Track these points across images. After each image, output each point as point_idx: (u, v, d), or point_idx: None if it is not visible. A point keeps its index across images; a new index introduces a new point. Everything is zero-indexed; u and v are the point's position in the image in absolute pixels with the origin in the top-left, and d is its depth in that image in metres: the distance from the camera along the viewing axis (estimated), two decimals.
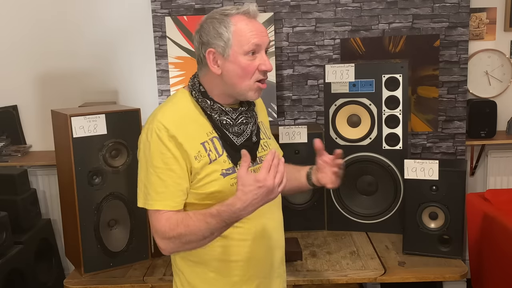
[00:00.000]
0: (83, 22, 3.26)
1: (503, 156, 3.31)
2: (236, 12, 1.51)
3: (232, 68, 1.51)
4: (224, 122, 1.56)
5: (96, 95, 3.31)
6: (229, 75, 1.52)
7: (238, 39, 1.49)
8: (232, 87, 1.54)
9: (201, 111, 1.57)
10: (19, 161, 3.19)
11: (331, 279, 2.14)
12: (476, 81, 3.23)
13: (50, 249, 3.21)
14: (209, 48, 1.51)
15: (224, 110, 1.56)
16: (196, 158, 1.50)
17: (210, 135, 1.55)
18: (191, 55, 3.13)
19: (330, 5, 3.05)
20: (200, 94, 1.57)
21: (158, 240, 1.51)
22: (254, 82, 1.53)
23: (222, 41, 1.50)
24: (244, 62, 1.50)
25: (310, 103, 3.15)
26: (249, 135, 1.60)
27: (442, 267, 2.20)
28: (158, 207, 1.50)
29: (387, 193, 2.56)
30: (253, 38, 1.50)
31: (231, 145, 1.55)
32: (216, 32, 1.50)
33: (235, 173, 1.53)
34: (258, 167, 1.59)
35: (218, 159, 1.53)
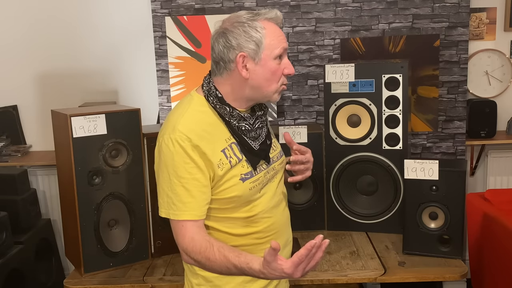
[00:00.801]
0: (83, 22, 3.26)
1: (503, 156, 3.31)
2: (262, 17, 1.54)
3: (261, 71, 1.53)
4: (243, 128, 1.57)
5: (96, 95, 3.31)
6: (257, 79, 1.54)
7: (270, 43, 1.52)
8: (257, 90, 1.56)
9: (218, 117, 1.57)
10: (19, 161, 3.19)
11: (331, 279, 2.14)
12: (476, 81, 3.23)
13: (50, 249, 3.21)
14: (240, 51, 1.51)
15: (243, 116, 1.57)
16: (219, 166, 1.52)
17: (228, 141, 1.56)
18: (191, 55, 3.13)
19: (330, 5, 3.05)
20: (218, 100, 1.56)
21: (181, 253, 1.54)
22: (280, 85, 1.57)
23: (255, 44, 1.51)
24: (273, 66, 1.54)
25: (310, 103, 3.15)
26: (264, 139, 1.62)
27: (442, 267, 2.20)
28: (185, 217, 1.50)
29: (387, 193, 2.56)
30: (282, 43, 1.54)
31: (249, 150, 1.57)
32: (248, 36, 1.51)
33: (254, 176, 1.56)
34: (271, 167, 1.63)
35: (237, 164, 1.55)
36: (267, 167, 1.62)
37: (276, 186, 1.68)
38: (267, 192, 1.63)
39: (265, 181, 1.62)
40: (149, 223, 2.36)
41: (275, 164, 1.67)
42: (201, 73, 3.14)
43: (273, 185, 1.66)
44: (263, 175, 1.61)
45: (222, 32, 1.54)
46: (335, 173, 2.59)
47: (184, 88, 3.16)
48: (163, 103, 3.17)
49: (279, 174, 1.70)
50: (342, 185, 2.60)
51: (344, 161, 2.57)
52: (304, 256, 1.32)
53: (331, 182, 2.60)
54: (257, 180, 1.58)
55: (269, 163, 1.63)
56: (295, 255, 1.32)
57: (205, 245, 1.48)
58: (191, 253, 1.50)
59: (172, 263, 2.33)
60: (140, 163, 2.30)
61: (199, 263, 1.50)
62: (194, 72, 3.14)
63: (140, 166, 2.31)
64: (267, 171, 1.62)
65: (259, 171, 1.59)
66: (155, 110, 3.22)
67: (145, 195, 2.33)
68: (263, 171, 1.61)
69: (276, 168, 1.68)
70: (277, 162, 1.68)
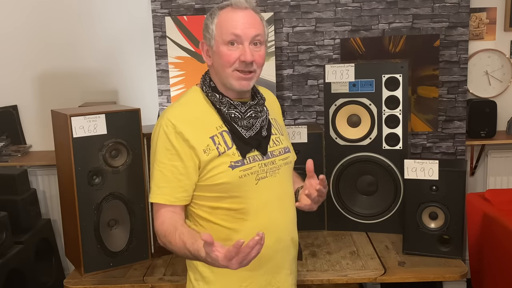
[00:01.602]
0: (83, 22, 3.26)
1: (503, 156, 3.31)
2: (227, 5, 1.59)
3: (216, 58, 1.60)
4: (233, 115, 1.60)
5: (96, 95, 3.31)
6: (215, 65, 1.61)
7: (220, 30, 1.57)
8: (219, 77, 1.62)
9: (211, 105, 1.62)
10: (19, 161, 3.19)
11: (331, 279, 2.14)
12: (476, 81, 3.23)
13: (50, 249, 3.21)
14: (201, 40, 1.64)
15: (233, 103, 1.61)
16: (205, 152, 1.55)
17: (219, 129, 1.59)
18: (191, 55, 3.13)
19: (330, 5, 3.05)
20: (210, 89, 1.63)
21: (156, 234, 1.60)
22: (233, 71, 1.58)
23: (208, 32, 1.60)
24: (223, 52, 1.57)
25: (310, 103, 3.15)
26: (259, 129, 1.63)
27: (442, 267, 2.20)
28: (158, 200, 1.57)
29: (387, 193, 2.56)
30: (233, 29, 1.56)
31: (240, 138, 1.59)
32: (205, 25, 1.61)
33: (244, 165, 1.58)
34: (269, 161, 1.63)
35: (227, 151, 1.57)
36: (263, 159, 1.61)
37: (278, 182, 1.65)
38: (266, 186, 1.61)
39: (263, 174, 1.60)
40: (149, 223, 2.36)
41: (275, 158, 1.65)
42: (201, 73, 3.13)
43: (274, 180, 1.64)
44: (258, 166, 1.59)
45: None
46: (335, 173, 2.59)
47: (184, 88, 3.16)
48: (163, 103, 3.17)
49: (282, 170, 1.67)
50: (342, 185, 2.60)
51: (344, 161, 2.57)
52: (233, 252, 1.31)
53: (331, 182, 2.60)
54: (250, 170, 1.57)
55: (266, 155, 1.62)
56: (228, 248, 1.32)
57: (170, 229, 1.52)
58: (159, 236, 1.56)
59: (172, 263, 2.33)
60: (140, 163, 2.30)
61: (166, 246, 1.56)
62: (194, 72, 3.14)
63: (140, 166, 2.31)
64: (263, 163, 1.61)
65: (252, 161, 1.59)
66: (155, 110, 3.22)
67: (145, 195, 2.33)
68: (258, 162, 1.60)
69: (277, 162, 1.65)
70: (278, 156, 1.66)
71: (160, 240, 1.57)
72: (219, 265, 1.36)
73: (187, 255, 1.48)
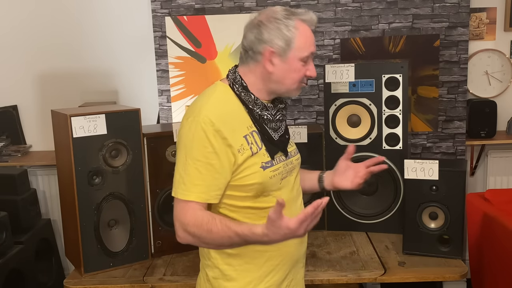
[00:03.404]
0: (83, 22, 3.26)
1: (503, 156, 3.31)
2: (298, 17, 1.59)
3: (286, 69, 1.60)
4: (265, 117, 1.63)
5: (96, 95, 3.31)
6: (281, 74, 1.60)
7: (299, 45, 1.57)
8: (278, 85, 1.62)
9: (241, 104, 1.62)
10: (19, 161, 3.19)
11: (331, 279, 2.14)
12: (476, 81, 3.23)
13: (50, 249, 3.21)
14: (268, 46, 1.57)
15: (266, 105, 1.63)
16: (240, 151, 1.55)
17: (250, 129, 1.60)
18: (191, 55, 3.13)
19: (330, 5, 3.05)
20: (242, 88, 1.62)
21: (178, 229, 1.54)
22: (298, 84, 1.64)
23: (285, 42, 1.57)
24: (297, 67, 1.60)
25: (310, 103, 3.15)
26: (284, 132, 1.68)
27: (442, 267, 2.20)
28: (193, 198, 1.53)
29: (387, 193, 2.56)
30: (311, 47, 1.61)
31: (269, 140, 1.62)
32: (280, 33, 1.57)
33: (274, 166, 1.61)
34: (289, 161, 1.68)
35: (258, 152, 1.59)
36: (286, 159, 1.67)
37: (294, 181, 1.72)
38: (286, 185, 1.67)
39: (285, 174, 1.67)
40: (149, 223, 2.36)
41: (292, 159, 1.72)
42: (201, 73, 3.15)
43: (291, 179, 1.71)
44: (283, 167, 1.65)
45: (257, 24, 1.60)
46: None
47: (184, 88, 3.16)
48: (163, 103, 3.17)
49: (296, 170, 1.75)
50: None
51: None
52: (309, 214, 1.38)
53: None
54: (277, 170, 1.62)
55: (287, 156, 1.68)
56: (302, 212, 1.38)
57: (208, 218, 1.51)
58: (192, 227, 1.51)
59: (172, 263, 2.33)
60: (140, 163, 2.30)
61: (198, 237, 1.51)
62: (194, 72, 3.14)
63: (140, 166, 2.31)
64: (285, 164, 1.67)
65: (279, 162, 1.64)
66: (155, 110, 3.22)
67: (145, 195, 2.33)
68: (282, 162, 1.65)
69: (294, 163, 1.73)
70: (294, 157, 1.74)
71: (188, 232, 1.52)
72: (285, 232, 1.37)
73: (231, 238, 1.48)
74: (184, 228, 1.53)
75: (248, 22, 1.64)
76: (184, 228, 1.53)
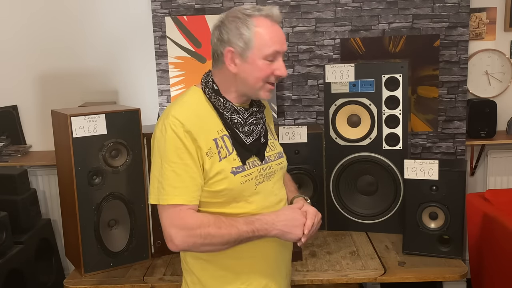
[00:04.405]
0: (83, 22, 3.26)
1: (503, 156, 3.31)
2: (259, 14, 1.53)
3: (249, 69, 1.54)
4: (235, 120, 1.59)
5: (96, 95, 3.31)
6: (245, 75, 1.55)
7: (259, 42, 1.52)
8: (245, 86, 1.57)
9: (212, 108, 1.59)
10: (19, 161, 3.19)
11: (331, 279, 2.14)
12: (476, 81, 3.23)
13: (50, 249, 3.21)
14: (228, 47, 1.53)
15: (236, 109, 1.60)
16: (208, 155, 1.52)
17: (220, 133, 1.57)
18: (191, 55, 3.13)
19: (330, 5, 3.05)
20: (213, 92, 1.60)
21: (176, 237, 1.49)
22: (265, 84, 1.57)
23: (243, 42, 1.52)
24: (261, 66, 1.54)
25: (310, 103, 3.15)
26: (258, 136, 1.63)
27: (442, 267, 2.20)
28: (176, 201, 1.50)
29: (387, 193, 2.56)
30: (274, 45, 1.54)
31: (241, 144, 1.58)
32: (238, 32, 1.52)
33: (245, 171, 1.57)
34: (267, 166, 1.64)
35: (228, 157, 1.55)
36: (262, 164, 1.63)
37: (273, 186, 1.67)
38: (262, 190, 1.62)
39: (261, 179, 1.62)
40: (149, 223, 2.36)
41: (272, 163, 1.67)
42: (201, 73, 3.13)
43: (270, 184, 1.66)
44: (257, 172, 1.60)
45: (218, 25, 1.57)
46: (335, 173, 2.59)
47: (184, 88, 3.16)
48: (163, 103, 3.17)
49: (277, 175, 1.70)
50: (342, 185, 2.60)
51: (344, 161, 2.57)
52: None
53: (331, 182, 2.60)
54: (250, 175, 1.58)
55: (263, 161, 1.63)
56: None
57: (213, 217, 1.51)
58: (197, 228, 1.48)
59: (172, 263, 2.33)
60: (140, 163, 2.30)
61: (206, 236, 1.48)
62: (194, 72, 3.14)
63: (140, 166, 2.31)
64: (262, 168, 1.62)
65: (252, 166, 1.59)
66: (155, 110, 3.22)
67: (145, 195, 2.33)
68: (257, 167, 1.61)
69: (274, 167, 1.68)
70: (274, 161, 1.69)
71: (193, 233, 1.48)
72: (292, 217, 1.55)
73: (240, 232, 1.49)
74: (188, 233, 1.48)
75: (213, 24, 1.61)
76: (187, 234, 1.48)
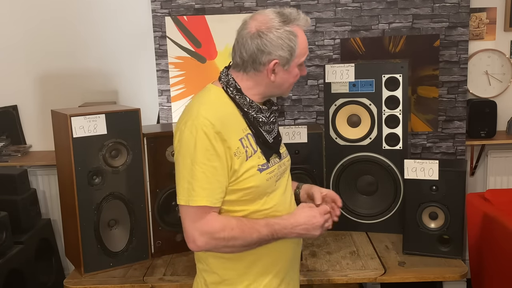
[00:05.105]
0: (83, 22, 3.26)
1: (503, 156, 3.31)
2: (297, 24, 1.58)
3: (286, 76, 1.61)
4: (260, 119, 1.62)
5: (96, 95, 3.31)
6: (282, 82, 1.62)
7: (299, 52, 1.59)
8: (276, 90, 1.65)
9: (235, 107, 1.60)
10: (19, 161, 3.19)
11: (331, 279, 2.14)
12: (476, 81, 3.23)
13: (50, 249, 3.21)
14: (273, 58, 1.56)
15: (261, 108, 1.63)
16: (236, 155, 1.54)
17: (245, 132, 1.59)
18: (191, 55, 3.13)
19: (330, 5, 3.05)
20: (236, 91, 1.60)
21: (199, 238, 1.51)
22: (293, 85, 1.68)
23: (289, 53, 1.57)
24: (296, 72, 1.63)
25: (310, 103, 3.15)
26: (277, 133, 1.69)
27: (442, 267, 2.20)
28: (205, 203, 1.51)
29: (387, 193, 2.56)
30: (307, 52, 1.63)
31: (264, 142, 1.62)
32: (283, 43, 1.55)
33: (269, 168, 1.61)
34: (282, 162, 1.68)
35: (253, 155, 1.58)
36: (279, 161, 1.68)
37: (286, 182, 1.73)
38: (280, 186, 1.67)
39: (279, 175, 1.67)
40: (149, 223, 2.36)
41: (284, 160, 1.72)
42: (201, 73, 3.15)
43: (284, 180, 1.71)
44: (277, 168, 1.66)
45: (258, 34, 1.56)
46: (335, 173, 2.59)
47: (184, 88, 3.16)
48: (163, 103, 3.17)
49: (287, 171, 1.75)
50: (342, 185, 2.60)
51: (344, 161, 2.57)
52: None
53: (331, 182, 2.60)
54: (272, 172, 1.62)
55: (280, 158, 1.69)
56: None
57: (236, 220, 1.55)
58: (221, 232, 1.51)
59: (172, 263, 2.33)
60: (140, 163, 2.30)
61: (230, 238, 1.52)
62: (194, 72, 3.14)
63: (140, 166, 2.31)
64: (279, 165, 1.67)
65: (273, 164, 1.64)
66: (155, 110, 3.22)
67: (145, 195, 2.33)
68: (277, 164, 1.65)
69: (286, 164, 1.73)
70: (285, 158, 1.74)
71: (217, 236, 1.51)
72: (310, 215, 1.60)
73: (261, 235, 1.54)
74: (212, 236, 1.51)
75: (243, 29, 1.59)
76: (211, 237, 1.51)
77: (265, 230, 1.54)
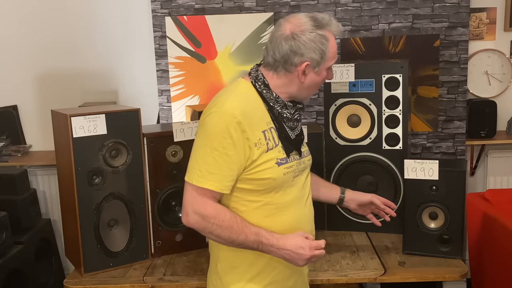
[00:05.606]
0: (84, 22, 3.26)
1: (503, 156, 3.32)
2: (329, 29, 1.64)
3: (315, 79, 1.67)
4: (284, 115, 1.68)
5: (96, 95, 3.31)
6: (310, 84, 1.67)
7: (329, 56, 1.65)
8: (303, 92, 1.70)
9: (261, 101, 1.67)
10: (19, 161, 3.20)
11: (331, 279, 2.14)
12: (476, 81, 3.23)
13: (50, 249, 3.21)
14: (305, 60, 1.62)
15: (286, 104, 1.68)
16: (256, 145, 1.60)
17: (269, 125, 1.65)
18: (191, 55, 3.13)
19: (330, 5, 3.05)
20: (264, 86, 1.67)
21: (191, 215, 1.60)
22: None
23: (320, 56, 1.62)
24: (325, 75, 1.69)
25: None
26: (300, 131, 1.74)
27: (442, 267, 2.20)
28: (208, 186, 1.58)
29: (387, 193, 2.55)
30: (336, 56, 1.68)
31: (286, 138, 1.68)
32: (316, 46, 1.61)
33: (288, 163, 1.66)
34: (302, 160, 1.74)
35: (274, 148, 1.64)
36: (299, 158, 1.72)
37: (304, 180, 1.77)
38: (297, 183, 1.72)
39: (298, 172, 1.71)
40: (149, 223, 2.36)
41: (305, 159, 1.77)
42: (201, 73, 3.15)
43: (302, 178, 1.75)
44: (296, 165, 1.70)
45: (291, 36, 1.61)
46: (335, 173, 2.59)
47: (184, 88, 3.16)
48: (163, 103, 3.17)
49: (307, 170, 1.80)
50: (342, 185, 2.58)
51: (344, 161, 2.57)
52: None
53: (331, 182, 2.59)
54: (291, 167, 1.67)
55: (301, 156, 1.73)
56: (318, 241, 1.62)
57: (230, 214, 1.60)
58: (212, 219, 1.58)
59: (172, 263, 2.33)
60: (140, 163, 2.30)
61: (218, 227, 1.58)
62: (194, 72, 3.14)
63: (140, 166, 2.31)
64: (299, 163, 1.71)
65: (293, 160, 1.69)
66: (155, 110, 3.23)
67: (145, 195, 2.33)
68: (296, 161, 1.70)
69: (306, 163, 1.78)
70: (306, 157, 1.79)
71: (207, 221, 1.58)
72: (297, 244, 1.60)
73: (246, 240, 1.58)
74: (203, 219, 1.58)
75: (277, 31, 1.65)
76: (202, 219, 1.58)
77: (252, 238, 1.59)
